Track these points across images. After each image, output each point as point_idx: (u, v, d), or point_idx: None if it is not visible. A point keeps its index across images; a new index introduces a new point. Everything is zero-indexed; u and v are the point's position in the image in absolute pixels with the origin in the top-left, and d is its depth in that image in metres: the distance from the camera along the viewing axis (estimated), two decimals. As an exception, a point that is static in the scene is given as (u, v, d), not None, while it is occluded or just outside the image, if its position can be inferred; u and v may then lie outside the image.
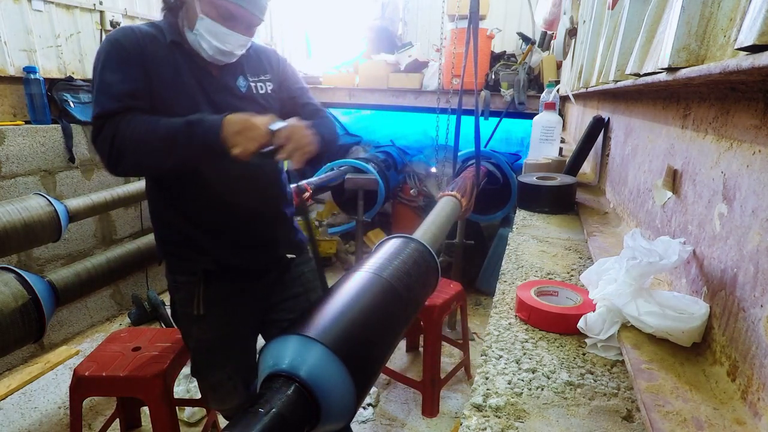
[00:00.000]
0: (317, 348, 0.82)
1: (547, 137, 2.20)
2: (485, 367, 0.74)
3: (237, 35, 1.23)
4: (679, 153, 0.89)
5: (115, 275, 2.24)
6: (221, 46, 1.22)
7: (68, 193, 2.82)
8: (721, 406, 0.56)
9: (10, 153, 2.51)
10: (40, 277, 1.55)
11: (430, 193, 3.96)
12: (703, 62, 0.65)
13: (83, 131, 2.90)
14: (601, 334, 0.75)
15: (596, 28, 1.66)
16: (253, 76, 1.36)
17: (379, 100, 4.22)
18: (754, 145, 0.59)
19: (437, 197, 2.30)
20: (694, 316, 0.66)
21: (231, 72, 1.31)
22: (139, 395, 1.68)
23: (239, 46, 1.26)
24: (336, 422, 0.84)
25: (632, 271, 0.74)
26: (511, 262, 1.15)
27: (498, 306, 0.94)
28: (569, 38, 2.54)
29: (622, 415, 0.63)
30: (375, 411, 2.34)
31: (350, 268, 1.11)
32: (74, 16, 2.91)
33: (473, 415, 0.64)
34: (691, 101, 0.86)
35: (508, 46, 4.42)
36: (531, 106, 3.52)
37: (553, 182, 1.58)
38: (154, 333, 1.90)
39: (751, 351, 0.54)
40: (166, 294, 3.52)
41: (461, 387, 2.57)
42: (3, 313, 1.34)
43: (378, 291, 1.00)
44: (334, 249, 4.13)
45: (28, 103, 2.66)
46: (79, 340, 2.93)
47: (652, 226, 1.01)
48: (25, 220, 1.99)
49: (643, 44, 0.92)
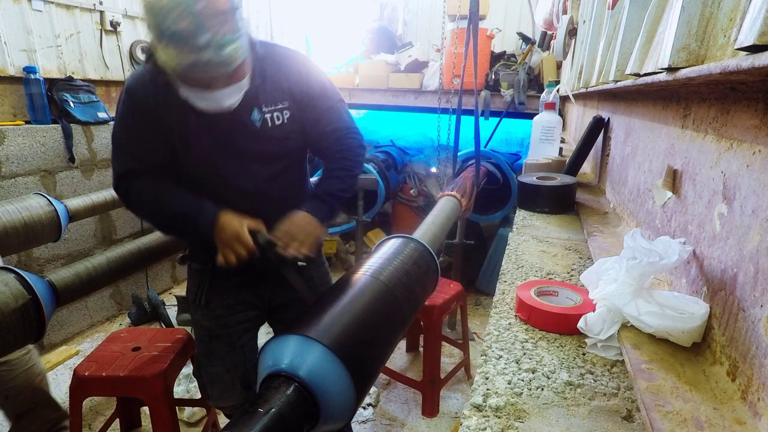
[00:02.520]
0: (317, 348, 0.82)
1: (547, 137, 2.20)
2: (485, 367, 0.74)
3: (219, 92, 1.10)
4: (679, 153, 0.89)
5: (115, 275, 2.23)
6: (209, 106, 1.13)
7: (68, 193, 2.82)
8: (721, 406, 0.56)
9: (10, 153, 2.51)
10: (40, 277, 1.55)
11: (430, 193, 3.96)
12: (703, 62, 0.65)
13: (83, 131, 2.90)
14: (601, 334, 0.75)
15: (596, 28, 1.66)
16: (269, 105, 1.25)
17: (379, 100, 4.22)
18: (754, 145, 0.59)
19: (437, 197, 2.30)
20: (694, 316, 0.66)
21: (244, 105, 1.20)
22: (139, 395, 1.68)
23: (229, 98, 1.13)
24: (335, 422, 0.84)
25: (632, 271, 0.74)
26: (511, 262, 1.15)
27: (498, 306, 0.94)
28: (569, 38, 2.54)
29: (622, 415, 0.63)
30: (375, 411, 2.34)
31: (350, 268, 1.11)
32: (74, 16, 2.90)
33: (473, 415, 0.64)
34: (691, 101, 0.86)
35: (508, 46, 4.42)
36: (531, 106, 3.52)
37: (553, 182, 1.58)
38: (154, 333, 1.90)
39: (751, 351, 0.54)
40: (166, 294, 3.54)
41: (461, 387, 2.57)
42: (3, 313, 1.34)
43: (377, 291, 1.01)
44: (334, 249, 4.13)
45: (28, 103, 2.66)
46: (79, 340, 2.93)
47: (652, 226, 1.01)
48: (25, 220, 1.99)
49: (643, 44, 0.92)
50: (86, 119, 2.87)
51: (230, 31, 0.99)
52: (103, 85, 3.15)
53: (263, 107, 1.24)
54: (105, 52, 3.09)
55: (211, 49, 0.97)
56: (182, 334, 1.88)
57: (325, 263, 1.60)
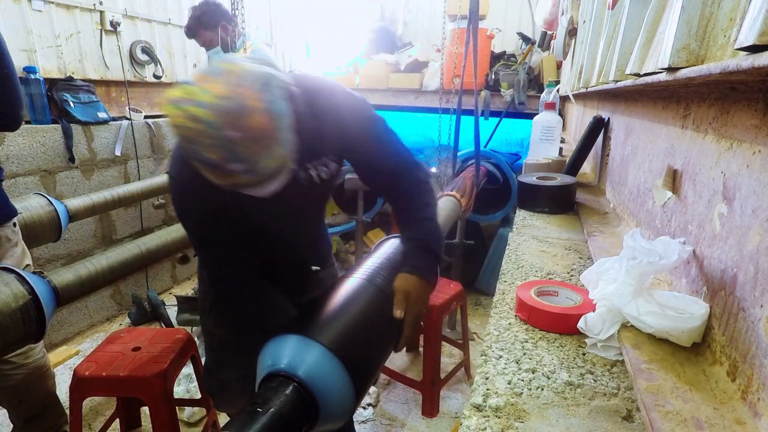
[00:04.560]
0: (316, 348, 0.82)
1: (547, 137, 2.20)
2: (485, 367, 0.74)
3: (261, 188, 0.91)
4: (679, 153, 0.89)
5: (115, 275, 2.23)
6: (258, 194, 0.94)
7: (68, 193, 2.82)
8: (721, 406, 0.56)
9: (10, 153, 2.51)
10: (40, 277, 1.55)
11: (430, 193, 3.95)
12: (703, 62, 0.65)
13: (83, 131, 2.90)
14: (601, 334, 0.75)
15: (596, 28, 1.66)
16: (311, 160, 1.09)
17: (379, 100, 4.23)
18: (754, 145, 0.59)
19: (437, 197, 2.30)
20: (694, 316, 0.66)
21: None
22: (139, 395, 1.68)
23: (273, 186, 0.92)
24: (335, 421, 0.84)
25: (632, 271, 0.74)
26: (511, 262, 1.15)
27: (498, 306, 0.94)
28: (569, 38, 2.54)
29: (622, 415, 0.63)
30: (375, 411, 2.34)
31: (349, 268, 1.11)
32: (74, 16, 2.90)
33: (473, 415, 0.64)
34: (691, 101, 0.86)
35: (508, 46, 4.42)
36: (531, 106, 3.52)
37: (553, 182, 1.58)
38: (154, 333, 1.89)
39: (751, 351, 0.54)
40: (166, 294, 3.54)
41: (461, 387, 2.57)
42: (3, 314, 1.34)
43: (376, 291, 1.00)
44: (334, 249, 4.13)
45: (28, 103, 2.66)
46: (79, 340, 2.93)
47: (652, 226, 1.01)
48: (25, 220, 1.99)
49: (643, 44, 0.92)
50: (86, 119, 2.87)
51: (274, 150, 0.81)
52: (103, 85, 3.15)
53: (307, 165, 1.09)
54: (105, 52, 3.09)
55: (249, 174, 0.81)
56: (182, 334, 1.88)
57: (334, 264, 1.58)
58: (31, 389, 1.74)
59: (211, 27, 2.67)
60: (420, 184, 1.17)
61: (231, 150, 0.76)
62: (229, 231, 1.12)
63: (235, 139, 0.75)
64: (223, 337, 1.46)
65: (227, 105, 0.74)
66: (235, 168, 0.79)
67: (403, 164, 1.17)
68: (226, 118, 0.74)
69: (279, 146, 0.82)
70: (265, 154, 0.80)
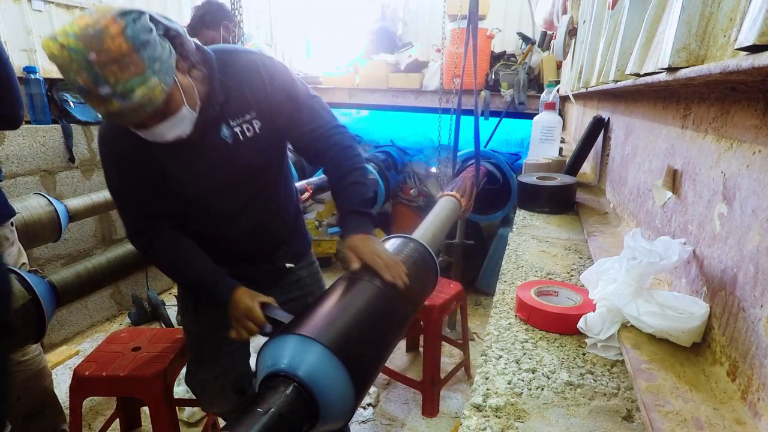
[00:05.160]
0: (316, 347, 0.81)
1: (547, 137, 2.20)
2: (485, 367, 0.74)
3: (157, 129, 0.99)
4: (679, 153, 0.89)
5: (115, 275, 2.23)
6: (156, 139, 1.02)
7: (68, 193, 2.82)
8: (721, 406, 0.56)
9: (10, 153, 2.51)
10: (40, 278, 1.55)
11: (430, 193, 3.96)
12: (703, 62, 0.65)
13: (83, 131, 2.90)
14: (601, 334, 0.75)
15: (596, 28, 1.66)
16: (236, 118, 1.15)
17: (379, 100, 4.22)
18: (754, 145, 0.59)
19: (437, 197, 2.30)
20: (694, 316, 0.66)
21: (210, 125, 1.11)
22: (139, 395, 1.68)
23: (170, 131, 1.01)
24: (335, 421, 0.84)
25: (632, 271, 0.74)
26: (511, 262, 1.15)
27: (498, 306, 0.94)
28: (569, 38, 2.54)
29: (622, 415, 0.63)
30: (375, 411, 2.34)
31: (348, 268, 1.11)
32: (74, 16, 2.91)
33: (473, 415, 0.64)
34: (691, 101, 0.86)
35: (508, 46, 4.42)
36: (531, 106, 3.52)
37: (553, 182, 1.58)
38: (154, 333, 1.90)
39: (751, 351, 0.54)
40: (166, 294, 3.54)
41: (461, 387, 2.57)
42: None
43: (376, 291, 1.00)
44: (334, 249, 4.13)
45: (28, 103, 2.66)
46: (79, 340, 2.93)
47: (652, 226, 1.01)
48: (25, 220, 1.99)
49: (643, 44, 0.92)
50: (86, 119, 2.87)
51: (136, 74, 0.86)
52: (103, 85, 3.15)
53: (231, 122, 1.15)
54: (105, 52, 3.09)
55: (117, 98, 0.87)
56: (182, 334, 1.88)
57: (315, 262, 1.56)
58: (28, 386, 1.74)
59: (213, 26, 2.66)
60: (345, 149, 1.24)
61: (94, 72, 0.84)
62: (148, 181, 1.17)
63: (94, 61, 0.83)
64: (197, 335, 1.47)
65: (88, 31, 0.83)
66: (104, 92, 0.86)
67: (326, 126, 1.24)
68: (85, 42, 0.83)
69: (146, 73, 0.89)
70: (129, 79, 0.87)
